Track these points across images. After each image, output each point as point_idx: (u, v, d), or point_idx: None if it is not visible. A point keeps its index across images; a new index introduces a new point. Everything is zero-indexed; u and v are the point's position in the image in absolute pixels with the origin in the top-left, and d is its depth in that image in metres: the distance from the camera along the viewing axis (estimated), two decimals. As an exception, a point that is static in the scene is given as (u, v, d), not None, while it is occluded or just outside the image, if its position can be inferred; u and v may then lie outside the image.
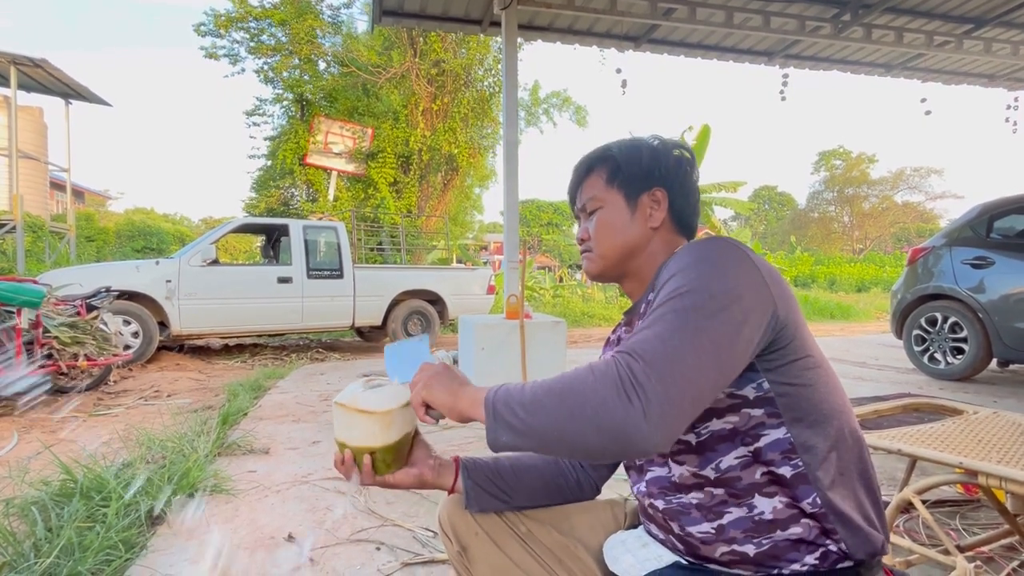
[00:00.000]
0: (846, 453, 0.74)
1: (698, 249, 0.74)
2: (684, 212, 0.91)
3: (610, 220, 0.89)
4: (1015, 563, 1.63)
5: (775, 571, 0.71)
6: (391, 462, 0.87)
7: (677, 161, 0.90)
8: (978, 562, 1.30)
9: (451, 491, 0.94)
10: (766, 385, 0.72)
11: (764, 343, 0.70)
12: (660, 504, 0.80)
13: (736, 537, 0.72)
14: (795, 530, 0.71)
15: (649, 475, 0.82)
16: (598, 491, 1.01)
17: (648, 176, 0.89)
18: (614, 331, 0.99)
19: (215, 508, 2.14)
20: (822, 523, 0.71)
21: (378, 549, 1.82)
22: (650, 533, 0.85)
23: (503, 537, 0.93)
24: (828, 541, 0.71)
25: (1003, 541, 1.65)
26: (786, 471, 0.71)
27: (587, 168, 0.94)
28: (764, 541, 0.71)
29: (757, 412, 0.72)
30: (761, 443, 0.72)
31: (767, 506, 0.72)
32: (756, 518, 0.72)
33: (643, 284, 0.90)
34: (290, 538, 1.89)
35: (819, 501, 0.71)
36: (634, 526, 0.94)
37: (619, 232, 0.89)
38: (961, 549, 1.48)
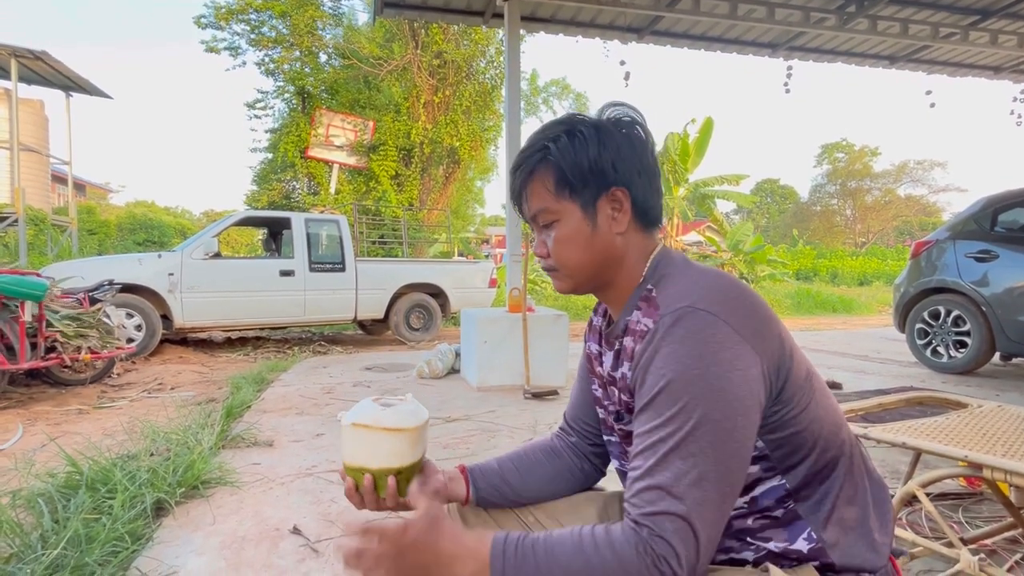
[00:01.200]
0: (842, 475, 0.76)
1: (682, 350, 0.67)
2: (648, 203, 0.81)
3: (569, 236, 0.79)
4: (1018, 555, 1.63)
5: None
6: (411, 481, 0.84)
7: (628, 142, 0.79)
8: (982, 555, 1.30)
9: (465, 502, 0.93)
10: (760, 444, 0.73)
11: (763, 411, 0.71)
12: None
13: (738, 559, 0.77)
14: (786, 558, 0.75)
15: None
16: (603, 473, 1.02)
17: (601, 176, 0.78)
18: (591, 332, 0.96)
19: (220, 500, 2.15)
20: (819, 557, 0.74)
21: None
22: None
23: (512, 526, 0.94)
24: (825, 569, 0.74)
25: (1006, 534, 1.65)
26: (780, 513, 0.74)
27: (527, 173, 0.81)
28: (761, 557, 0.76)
29: (753, 469, 0.74)
30: (757, 492, 0.74)
31: (765, 547, 0.75)
32: (755, 555, 0.76)
33: (621, 294, 0.83)
34: (295, 530, 1.90)
35: (814, 536, 0.73)
36: None
37: (583, 248, 0.79)
38: (964, 542, 1.48)
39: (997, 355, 4.71)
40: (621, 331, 0.81)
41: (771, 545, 0.74)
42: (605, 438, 0.93)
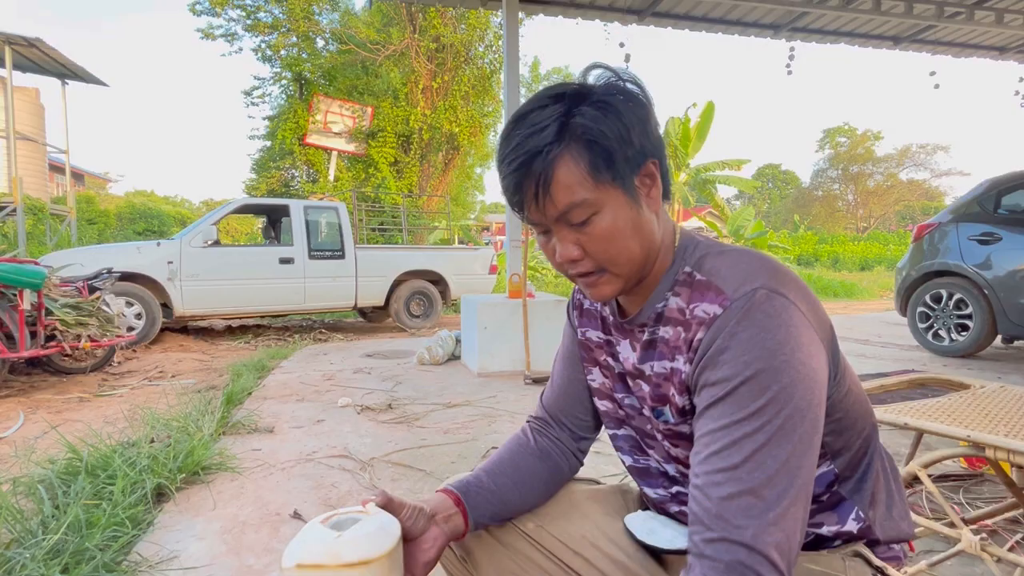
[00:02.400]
0: (873, 451, 0.76)
1: (766, 336, 0.60)
2: (668, 175, 0.72)
3: (619, 227, 0.66)
4: (1019, 535, 1.63)
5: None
6: None
7: (645, 107, 0.68)
8: (983, 535, 1.30)
9: (462, 536, 0.81)
10: None
11: None
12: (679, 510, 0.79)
13: None
14: (838, 539, 0.74)
15: (677, 489, 0.79)
16: (583, 464, 0.95)
17: (640, 149, 0.66)
18: (585, 317, 0.87)
19: (221, 486, 2.15)
20: (867, 535, 0.73)
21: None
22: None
23: (510, 537, 0.85)
24: (869, 546, 0.74)
25: (1007, 514, 1.65)
26: (826, 497, 0.72)
27: (550, 162, 0.64)
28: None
29: None
30: None
31: (816, 532, 0.73)
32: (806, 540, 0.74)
33: (644, 288, 0.73)
34: (296, 515, 1.90)
35: (862, 515, 0.72)
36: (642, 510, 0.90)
37: (634, 237, 0.67)
38: (966, 522, 1.48)
39: (999, 338, 4.70)
40: (652, 319, 0.72)
41: (823, 530, 0.72)
42: (611, 432, 0.86)
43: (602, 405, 0.86)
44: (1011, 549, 1.55)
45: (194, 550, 1.68)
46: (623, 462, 0.87)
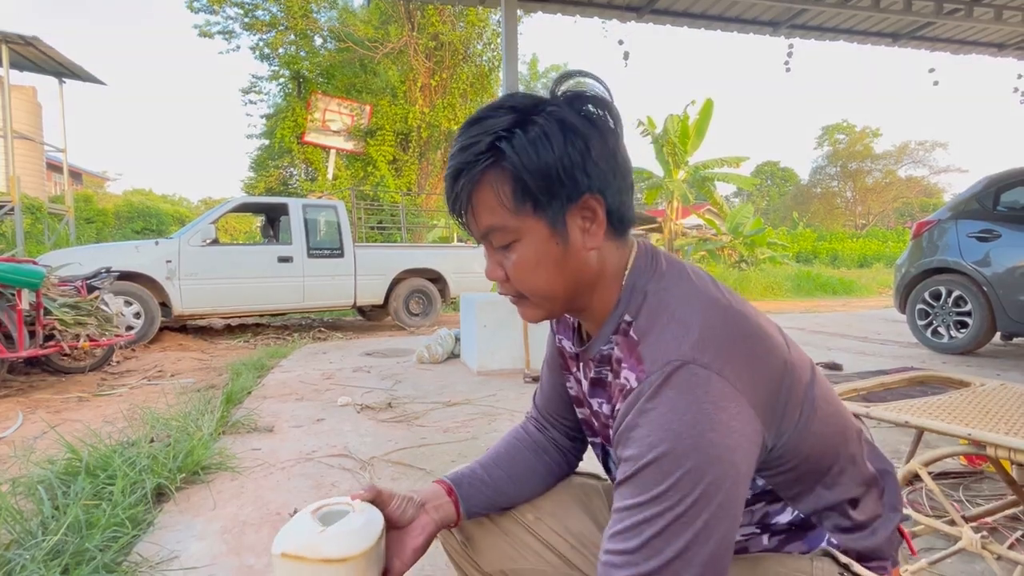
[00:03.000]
0: (850, 481, 0.72)
1: (674, 417, 0.57)
2: (623, 207, 0.66)
3: (535, 259, 0.64)
4: (1019, 533, 1.63)
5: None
6: None
7: (599, 135, 0.63)
8: (984, 532, 1.30)
9: (455, 524, 0.83)
10: (760, 483, 0.67)
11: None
12: None
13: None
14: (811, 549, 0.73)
15: None
16: (580, 460, 0.95)
17: (572, 183, 0.62)
18: (560, 325, 0.85)
19: (221, 485, 2.15)
20: (838, 556, 0.71)
21: (383, 524, 1.82)
22: None
23: (510, 526, 0.86)
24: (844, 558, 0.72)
25: (1007, 512, 1.65)
26: (793, 528, 0.71)
27: (472, 181, 0.62)
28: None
29: (758, 506, 0.69)
30: (769, 520, 0.71)
31: (788, 550, 0.72)
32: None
33: (597, 316, 0.70)
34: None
35: (834, 541, 0.71)
36: None
37: (553, 272, 0.65)
38: (966, 520, 1.48)
39: (998, 335, 4.70)
40: (597, 358, 0.71)
41: (790, 547, 0.71)
42: (590, 440, 0.85)
43: (579, 412, 0.85)
44: (1011, 547, 1.55)
45: (194, 550, 1.67)
46: (601, 466, 0.87)
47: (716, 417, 0.56)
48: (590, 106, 0.64)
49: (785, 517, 0.70)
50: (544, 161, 0.61)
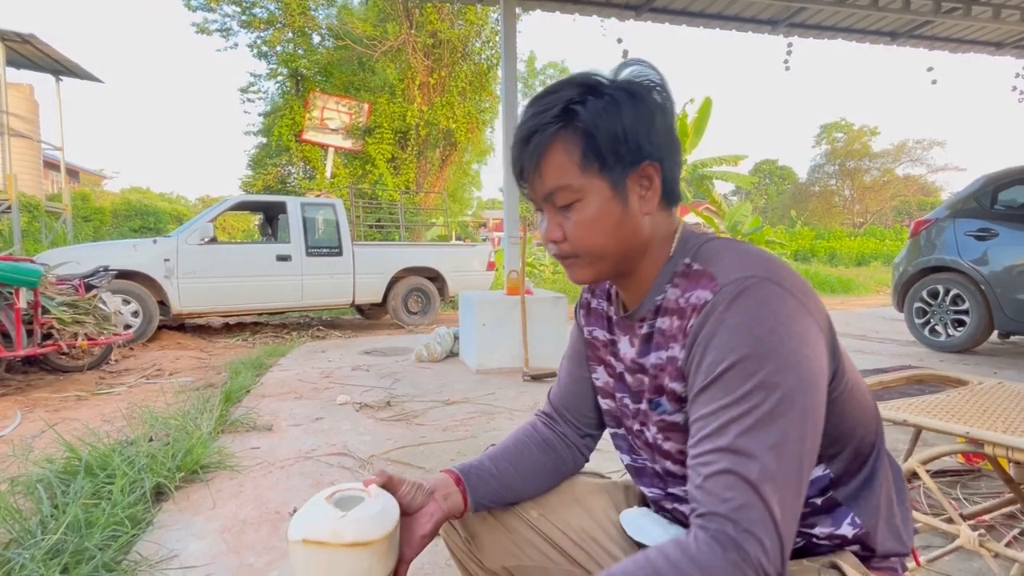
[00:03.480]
0: (875, 460, 0.74)
1: (753, 322, 0.60)
2: (675, 180, 0.72)
3: (596, 218, 0.68)
4: (1016, 531, 1.64)
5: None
6: None
7: (661, 110, 0.69)
8: (981, 530, 1.31)
9: (462, 514, 0.84)
10: None
11: None
12: (686, 510, 0.78)
13: None
14: (829, 541, 0.73)
15: (675, 488, 0.78)
16: (587, 460, 0.97)
17: (636, 149, 0.67)
18: (592, 316, 0.88)
19: (220, 484, 2.15)
20: (863, 541, 0.72)
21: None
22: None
23: (513, 522, 0.87)
24: (866, 552, 0.73)
25: (1004, 510, 1.66)
26: (820, 501, 0.72)
27: (545, 142, 0.68)
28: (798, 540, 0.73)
29: None
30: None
31: (810, 532, 0.73)
32: (802, 541, 0.73)
33: (645, 277, 0.74)
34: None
35: (858, 521, 0.71)
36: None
37: (611, 232, 0.69)
38: (963, 518, 1.49)
39: (995, 333, 4.72)
40: (650, 312, 0.73)
41: (816, 531, 0.72)
42: (611, 431, 0.88)
43: (604, 404, 0.88)
44: (1008, 544, 1.56)
45: (194, 549, 1.67)
46: (622, 461, 0.88)
47: (792, 328, 0.60)
48: (652, 85, 0.70)
49: (818, 484, 0.71)
50: (613, 124, 0.66)
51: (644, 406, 0.76)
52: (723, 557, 0.54)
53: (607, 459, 2.30)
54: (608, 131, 0.66)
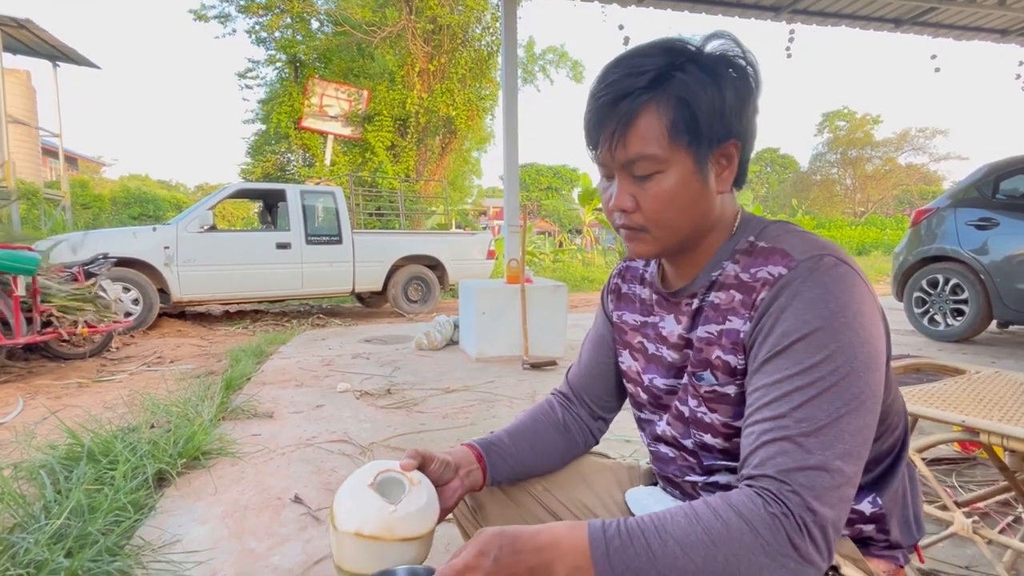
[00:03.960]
0: (902, 461, 0.75)
1: (829, 297, 0.60)
2: (746, 163, 0.72)
3: (675, 192, 0.66)
4: (1010, 518, 1.66)
5: None
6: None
7: (750, 89, 0.67)
8: (975, 518, 1.32)
9: (479, 488, 0.86)
10: None
11: None
12: (723, 480, 0.77)
13: None
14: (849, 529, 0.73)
15: (711, 461, 0.76)
16: (597, 443, 0.99)
17: (727, 127, 0.66)
18: (623, 301, 0.88)
19: (221, 471, 2.16)
20: (878, 522, 0.73)
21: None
22: (672, 495, 0.85)
23: (520, 495, 0.90)
24: (879, 535, 0.73)
25: (999, 497, 1.67)
26: None
27: (637, 104, 0.63)
28: None
29: None
30: None
31: None
32: None
33: (701, 255, 0.73)
34: (296, 499, 1.92)
35: (879, 501, 0.72)
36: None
37: (686, 208, 0.67)
38: (958, 505, 1.50)
39: (994, 323, 4.73)
40: (703, 288, 0.72)
41: None
42: (635, 414, 0.88)
43: (629, 387, 0.89)
44: (1002, 531, 1.57)
45: (196, 534, 1.69)
46: (645, 441, 0.88)
47: (863, 307, 0.61)
48: (748, 63, 0.67)
49: None
50: (712, 99, 0.64)
51: (685, 380, 0.76)
52: (763, 508, 0.54)
53: (608, 448, 2.32)
54: (706, 104, 0.64)
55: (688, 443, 0.77)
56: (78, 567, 1.39)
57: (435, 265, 7.33)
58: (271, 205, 7.37)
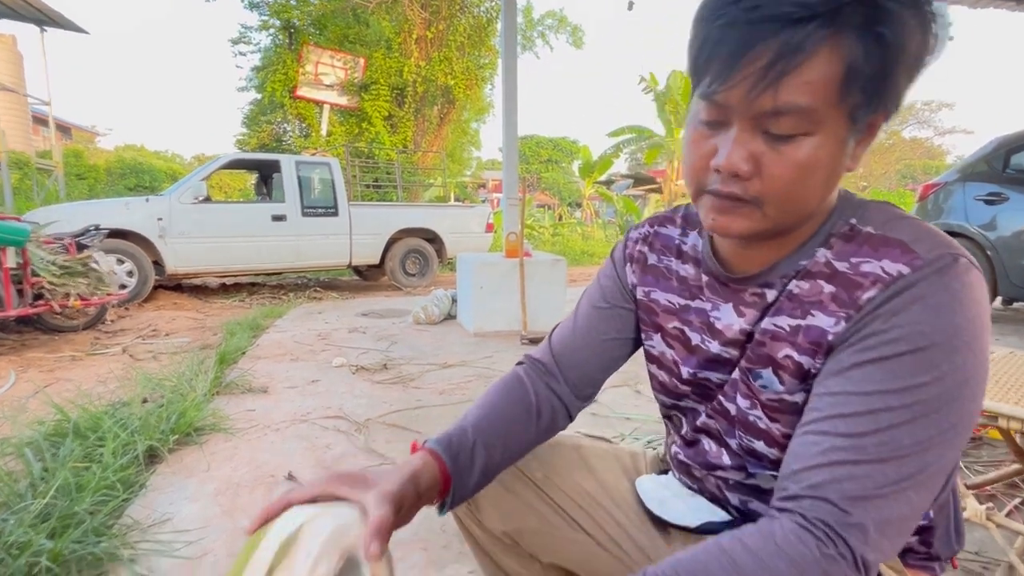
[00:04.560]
0: (955, 468, 0.68)
1: (957, 309, 0.50)
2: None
3: (815, 162, 0.51)
4: (1017, 500, 1.63)
5: None
6: None
7: (928, 57, 0.51)
8: (989, 504, 1.29)
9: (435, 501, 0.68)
10: None
11: None
12: (731, 479, 0.70)
13: None
14: None
15: (756, 469, 0.68)
16: (572, 420, 0.84)
17: (896, 92, 0.51)
18: (660, 278, 0.74)
19: (214, 447, 2.13)
20: (923, 534, 0.67)
21: (378, 487, 1.81)
22: (688, 487, 0.78)
23: (517, 484, 0.81)
24: (920, 546, 0.67)
25: (1007, 479, 1.64)
26: None
27: (810, 43, 0.47)
28: None
29: None
30: None
31: None
32: None
33: (787, 243, 0.60)
34: (290, 476, 1.89)
35: (929, 514, 0.66)
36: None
37: (820, 183, 0.53)
38: (967, 488, 1.47)
39: (999, 299, 4.68)
40: (783, 276, 0.60)
41: None
42: (669, 402, 0.77)
43: (660, 375, 0.77)
44: (1009, 514, 1.54)
45: (187, 512, 1.66)
46: (674, 430, 0.80)
47: (986, 323, 0.51)
48: (937, 14, 0.51)
49: None
50: (907, 53, 0.49)
51: (737, 376, 0.65)
52: (817, 551, 0.46)
53: (608, 425, 2.28)
54: (902, 55, 0.48)
55: (733, 443, 0.68)
56: (63, 548, 1.35)
57: (433, 238, 7.24)
58: (266, 176, 7.25)
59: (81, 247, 4.33)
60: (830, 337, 0.55)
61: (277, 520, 0.53)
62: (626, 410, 2.48)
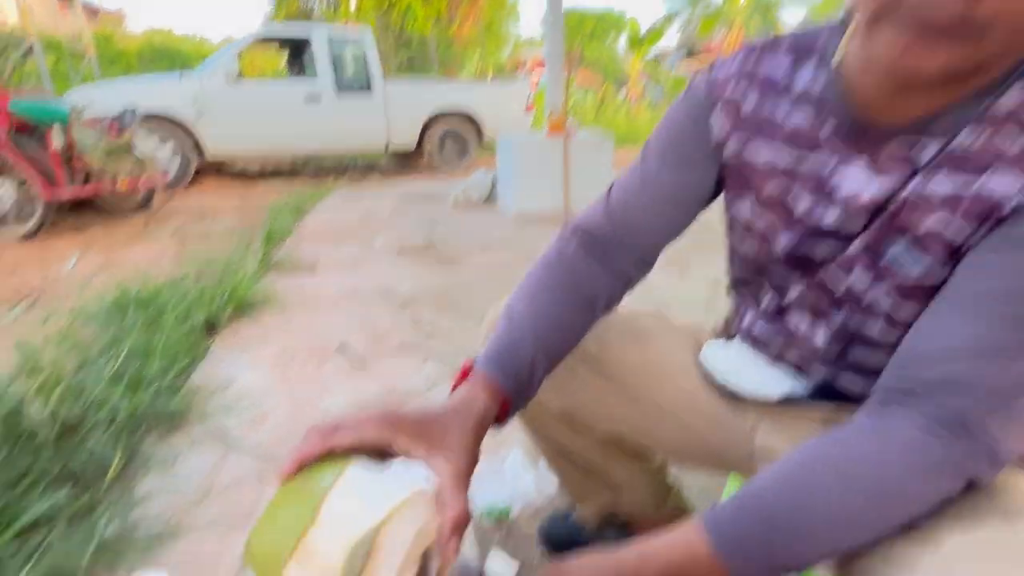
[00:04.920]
0: None
1: None
2: None
3: None
4: None
5: None
6: None
7: None
8: None
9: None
10: None
11: None
12: (822, 355, 0.62)
13: None
14: None
15: (861, 356, 0.60)
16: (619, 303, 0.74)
17: None
18: (737, 124, 0.60)
19: (268, 320, 2.20)
20: None
21: (425, 361, 1.85)
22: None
23: (569, 360, 0.71)
24: None
25: None
26: None
27: None
28: None
29: None
30: None
31: None
32: None
33: (959, 87, 0.44)
34: (342, 347, 1.94)
35: None
36: None
37: None
38: None
39: None
40: (945, 127, 0.46)
41: None
42: (745, 277, 0.69)
43: (744, 246, 0.67)
44: None
45: (247, 379, 1.74)
46: (748, 304, 0.71)
47: None
48: None
49: None
50: None
51: (858, 250, 0.54)
52: (953, 446, 0.41)
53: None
54: None
55: (836, 320, 0.59)
56: (139, 403, 1.44)
57: (471, 118, 6.95)
58: (297, 53, 6.94)
59: (122, 129, 4.32)
60: (1012, 203, 0.43)
61: (319, 476, 0.43)
62: (665, 294, 2.40)
